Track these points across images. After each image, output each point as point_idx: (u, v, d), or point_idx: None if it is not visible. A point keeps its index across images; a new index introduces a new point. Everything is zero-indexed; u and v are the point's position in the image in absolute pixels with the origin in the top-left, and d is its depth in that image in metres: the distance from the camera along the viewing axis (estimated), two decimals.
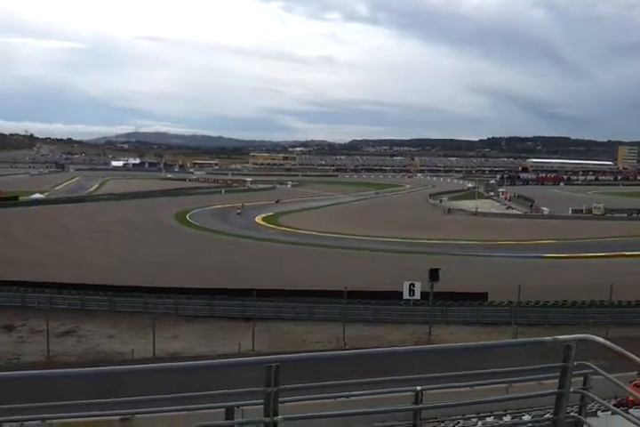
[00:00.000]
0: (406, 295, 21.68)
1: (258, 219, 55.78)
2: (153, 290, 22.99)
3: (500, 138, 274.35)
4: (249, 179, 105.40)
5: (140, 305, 22.17)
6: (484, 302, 22.59)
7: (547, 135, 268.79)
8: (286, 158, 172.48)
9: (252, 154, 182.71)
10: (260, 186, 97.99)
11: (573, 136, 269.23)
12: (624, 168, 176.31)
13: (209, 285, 24.29)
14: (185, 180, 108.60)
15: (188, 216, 55.55)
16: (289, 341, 19.99)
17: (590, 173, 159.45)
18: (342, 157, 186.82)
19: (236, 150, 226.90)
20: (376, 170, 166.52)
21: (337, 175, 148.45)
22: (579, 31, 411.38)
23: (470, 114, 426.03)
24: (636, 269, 30.75)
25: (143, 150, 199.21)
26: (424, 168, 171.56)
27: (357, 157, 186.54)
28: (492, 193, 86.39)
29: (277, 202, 70.51)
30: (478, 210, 63.87)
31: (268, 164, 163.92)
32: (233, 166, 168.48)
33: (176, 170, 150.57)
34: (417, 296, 21.60)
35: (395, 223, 52.76)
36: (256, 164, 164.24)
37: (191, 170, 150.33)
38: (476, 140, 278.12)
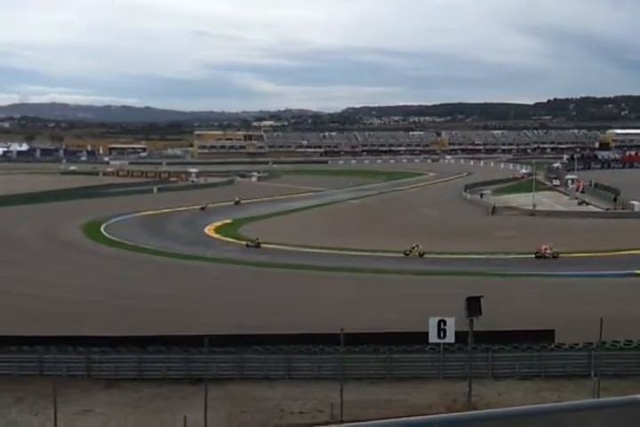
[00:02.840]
0: (433, 338, 21.76)
1: (209, 229, 55.89)
2: (53, 341, 22.87)
3: (568, 100, 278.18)
4: (193, 170, 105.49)
5: (34, 364, 22.05)
6: (550, 345, 22.76)
7: (635, 94, 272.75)
8: (249, 138, 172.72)
9: (196, 132, 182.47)
10: (210, 180, 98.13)
11: None
12: None
13: (137, 331, 24.22)
14: (97, 173, 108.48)
15: (103, 228, 55.53)
16: (260, 412, 20.01)
17: None
18: (333, 133, 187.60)
19: (174, 127, 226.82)
20: (385, 152, 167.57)
21: (326, 161, 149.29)
22: None
23: (522, 66, 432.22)
24: None
25: (33, 131, 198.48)
26: (455, 147, 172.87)
27: (356, 133, 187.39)
28: (556, 182, 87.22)
29: (237, 203, 71.08)
30: (537, 207, 64.46)
31: (222, 146, 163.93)
32: (169, 151, 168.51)
33: (83, 159, 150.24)
34: (449, 339, 21.68)
35: (413, 230, 53.01)
36: (204, 146, 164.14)
37: (106, 158, 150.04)
38: (532, 103, 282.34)
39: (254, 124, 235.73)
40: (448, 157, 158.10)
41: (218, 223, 58.62)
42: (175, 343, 22.94)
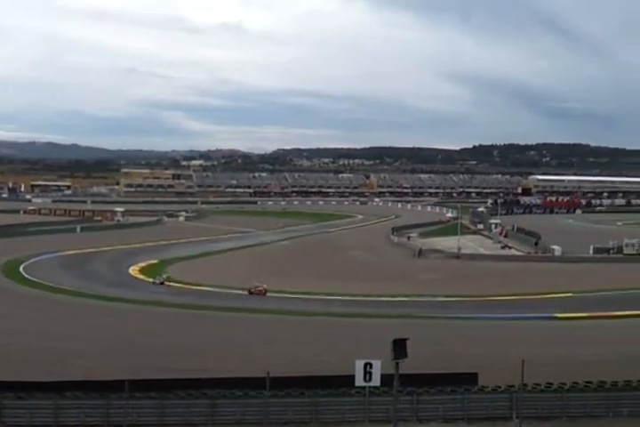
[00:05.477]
0: (360, 381, 21.68)
1: (133, 270, 54.96)
2: None
3: (492, 146, 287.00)
4: (119, 209, 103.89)
5: None
6: (473, 388, 22.98)
7: (556, 142, 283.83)
8: (178, 177, 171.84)
9: (124, 170, 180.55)
10: (136, 220, 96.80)
11: (594, 143, 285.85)
12: None
13: (52, 376, 23.43)
14: (18, 211, 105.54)
15: (22, 268, 53.97)
16: None
17: (619, 194, 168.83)
18: (263, 174, 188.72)
19: (100, 165, 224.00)
20: (314, 193, 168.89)
21: (256, 202, 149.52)
22: None
23: (448, 112, 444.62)
24: None
25: None
26: (384, 190, 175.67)
27: (286, 174, 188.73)
28: (480, 226, 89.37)
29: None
30: (462, 251, 65.74)
31: (150, 185, 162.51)
32: (95, 189, 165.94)
33: (4, 195, 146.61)
34: (375, 382, 21.66)
35: (340, 272, 53.32)
36: (131, 185, 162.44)
37: (28, 196, 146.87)
38: (458, 149, 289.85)
39: (183, 163, 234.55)
40: (376, 199, 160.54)
41: (143, 264, 57.69)
42: (94, 389, 22.23)
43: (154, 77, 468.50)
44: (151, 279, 49.60)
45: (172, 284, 48.84)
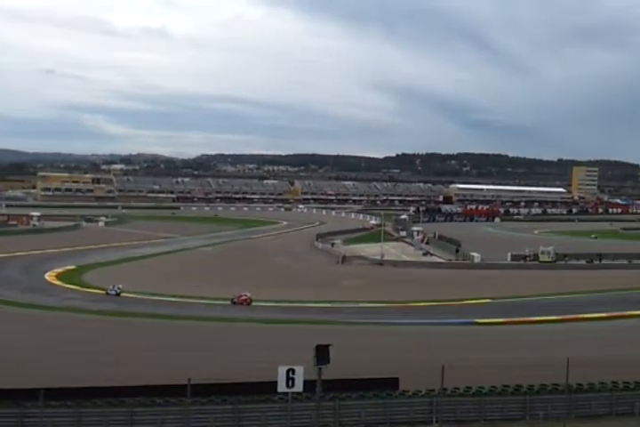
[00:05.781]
0: (282, 387, 21.63)
1: (50, 275, 53.43)
2: None
3: (414, 155, 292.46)
4: (36, 213, 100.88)
5: None
6: (394, 392, 23.23)
7: (476, 152, 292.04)
8: (98, 181, 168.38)
9: (41, 173, 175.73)
10: (53, 224, 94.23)
11: (512, 153, 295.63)
12: (580, 197, 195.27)
13: None
14: None
15: None
16: None
17: (536, 203, 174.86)
18: (187, 179, 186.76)
19: (16, 168, 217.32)
20: (238, 199, 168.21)
21: (179, 207, 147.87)
22: (516, 9, 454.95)
23: (373, 121, 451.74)
24: (600, 336, 33.64)
25: None
26: (308, 197, 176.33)
27: (210, 179, 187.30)
28: (403, 233, 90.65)
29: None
30: (385, 257, 66.48)
31: (68, 189, 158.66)
32: (10, 193, 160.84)
33: None
34: (298, 388, 21.64)
35: (264, 278, 53.16)
36: (48, 189, 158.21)
37: None
38: (381, 157, 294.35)
39: (104, 167, 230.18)
40: (301, 206, 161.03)
41: (60, 269, 56.14)
42: (7, 397, 21.50)
43: (73, 80, 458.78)
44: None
45: (91, 289, 47.72)
